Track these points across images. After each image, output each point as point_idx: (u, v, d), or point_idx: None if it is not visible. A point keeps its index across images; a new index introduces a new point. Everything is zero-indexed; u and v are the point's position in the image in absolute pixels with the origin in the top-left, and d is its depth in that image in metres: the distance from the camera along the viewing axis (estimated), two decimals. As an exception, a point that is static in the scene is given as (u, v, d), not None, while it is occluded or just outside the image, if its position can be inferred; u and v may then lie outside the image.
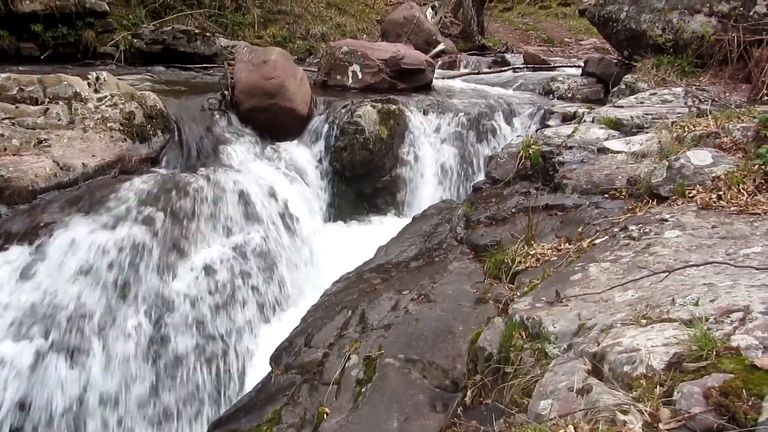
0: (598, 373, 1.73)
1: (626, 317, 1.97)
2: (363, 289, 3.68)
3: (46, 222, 3.77)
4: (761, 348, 1.57)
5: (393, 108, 6.21)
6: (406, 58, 7.52)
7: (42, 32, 8.56)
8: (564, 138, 4.56)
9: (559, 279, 2.59)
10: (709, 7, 6.44)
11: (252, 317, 4.04)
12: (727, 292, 1.96)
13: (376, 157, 5.95)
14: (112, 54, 9.13)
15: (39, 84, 4.56)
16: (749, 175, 2.97)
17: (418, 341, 2.91)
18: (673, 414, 1.43)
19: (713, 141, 3.67)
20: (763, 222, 2.62)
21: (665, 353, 1.64)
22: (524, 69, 10.41)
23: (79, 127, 4.53)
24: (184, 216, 4.14)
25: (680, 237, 2.62)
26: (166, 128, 5.15)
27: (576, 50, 15.54)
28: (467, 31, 14.82)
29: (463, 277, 3.46)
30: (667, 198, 3.19)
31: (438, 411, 2.58)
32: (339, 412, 2.70)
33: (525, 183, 4.35)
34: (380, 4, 16.00)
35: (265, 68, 5.83)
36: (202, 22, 10.62)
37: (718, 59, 6.30)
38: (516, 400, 2.01)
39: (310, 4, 13.11)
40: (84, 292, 3.58)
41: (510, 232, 3.71)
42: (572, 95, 7.60)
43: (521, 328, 2.28)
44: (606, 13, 7.45)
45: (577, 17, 18.19)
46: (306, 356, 3.18)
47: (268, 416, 2.93)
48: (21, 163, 4.03)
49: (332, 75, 7.42)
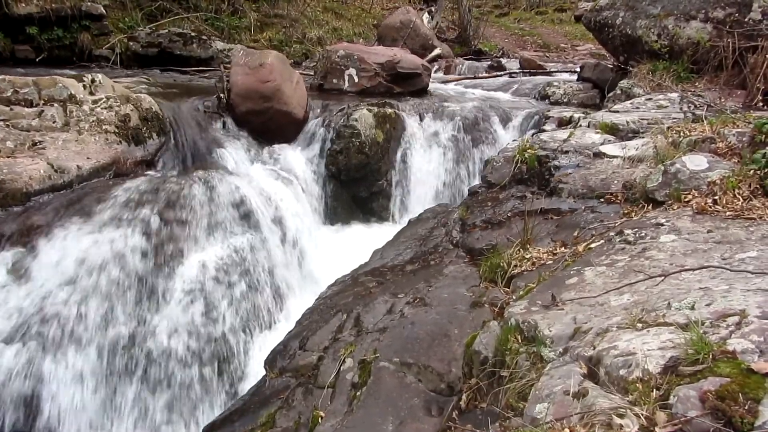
0: (594, 377, 1.72)
1: (622, 321, 1.96)
2: (358, 292, 3.67)
3: (39, 224, 3.76)
4: (757, 352, 1.57)
5: (389, 112, 6.22)
6: (402, 62, 7.52)
7: (37, 35, 8.55)
8: (560, 142, 4.57)
9: (555, 283, 2.59)
10: (704, 13, 6.47)
11: (246, 320, 4.02)
12: (722, 296, 1.96)
13: (372, 160, 5.94)
14: (108, 57, 9.13)
15: (34, 86, 4.55)
16: (744, 180, 2.97)
17: (413, 345, 2.90)
18: (669, 418, 1.43)
19: (709, 146, 3.69)
20: (758, 227, 2.62)
21: (661, 357, 1.64)
22: (520, 74, 10.45)
23: (74, 129, 4.52)
24: (179, 219, 4.12)
25: (676, 241, 2.62)
26: (161, 131, 5.14)
27: (572, 55, 15.60)
28: (463, 35, 14.87)
29: (458, 280, 3.46)
30: (663, 202, 3.19)
31: (433, 415, 2.57)
32: (334, 416, 2.68)
33: (521, 187, 4.36)
34: (377, 9, 16.06)
35: (261, 71, 5.83)
36: (198, 26, 10.62)
37: (713, 65, 6.33)
38: (511, 403, 2.00)
39: (306, 8, 13.14)
40: (77, 295, 3.56)
41: (506, 236, 3.71)
42: (568, 100, 7.63)
43: (517, 331, 2.27)
44: (602, 18, 7.48)
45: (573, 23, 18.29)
46: (301, 359, 3.17)
47: (263, 420, 2.91)
48: (15, 165, 4.01)
49: (329, 78, 7.43)
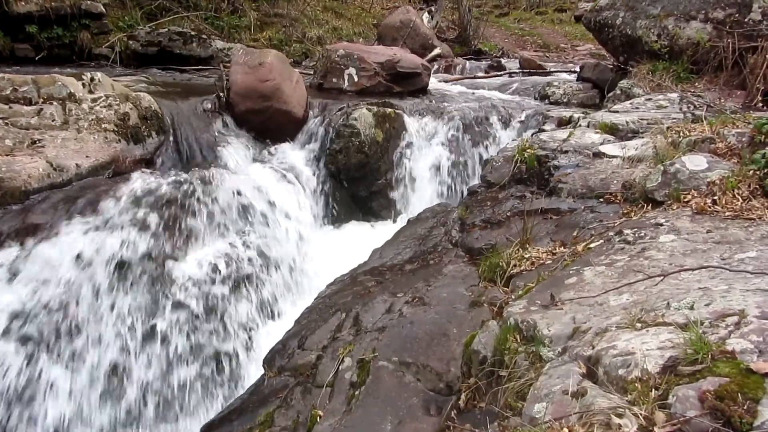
0: (593, 377, 1.72)
1: (621, 321, 1.96)
2: (357, 291, 3.67)
3: (38, 222, 3.75)
4: (756, 352, 1.56)
5: (389, 111, 6.21)
6: (402, 62, 7.52)
7: (37, 33, 8.55)
8: (559, 142, 4.57)
9: (554, 282, 2.58)
10: (704, 13, 6.47)
11: (246, 319, 4.02)
12: (722, 296, 1.95)
13: (371, 160, 5.94)
14: (108, 55, 9.12)
15: (33, 84, 4.54)
16: (744, 180, 2.97)
17: (412, 344, 2.89)
18: (668, 417, 1.42)
19: (708, 146, 3.68)
20: (758, 227, 2.62)
21: (660, 357, 1.63)
22: (520, 74, 10.44)
23: (73, 127, 4.51)
24: (178, 217, 4.12)
25: (675, 241, 2.62)
26: (160, 130, 5.13)
27: (572, 56, 15.59)
28: (463, 35, 14.86)
29: (457, 280, 3.45)
30: (662, 202, 3.19)
31: (432, 414, 2.57)
32: (332, 415, 2.68)
33: (520, 187, 4.35)
34: (377, 8, 16.05)
35: (260, 71, 5.82)
36: (198, 25, 10.61)
37: (713, 65, 6.33)
38: (510, 403, 1.99)
39: (306, 7, 13.13)
40: (75, 293, 3.55)
41: (505, 236, 3.70)
42: (568, 100, 7.62)
43: (516, 331, 2.26)
44: (602, 18, 7.48)
45: (573, 23, 18.28)
46: (299, 359, 3.16)
47: (261, 419, 2.91)
48: (14, 163, 4.00)
49: (328, 78, 7.42)
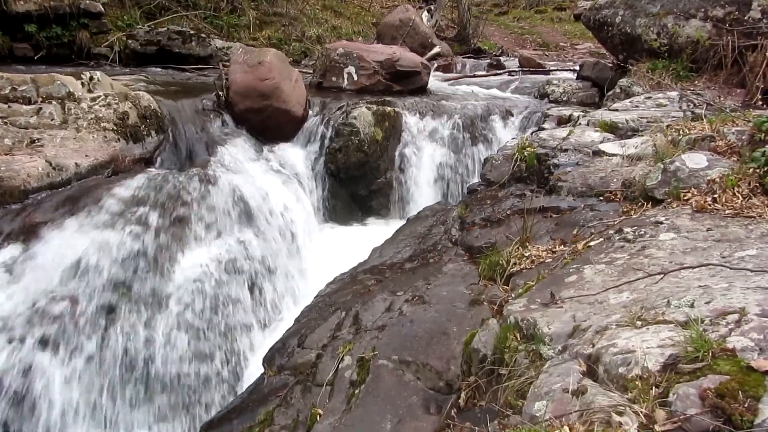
0: (593, 375, 1.72)
1: (621, 319, 1.96)
2: (357, 290, 3.67)
3: (37, 222, 3.74)
4: (757, 350, 1.56)
5: (388, 110, 6.21)
6: (401, 61, 7.51)
7: (36, 33, 8.52)
8: (559, 141, 4.57)
9: (554, 281, 2.58)
10: (704, 11, 6.46)
11: (245, 319, 4.01)
12: (722, 294, 1.95)
13: (371, 158, 5.93)
14: (107, 55, 9.08)
15: (32, 83, 4.54)
16: (744, 178, 2.97)
17: (412, 343, 2.89)
18: (668, 415, 1.42)
19: (708, 144, 3.69)
20: (758, 225, 2.62)
21: (661, 354, 1.63)
22: (519, 72, 10.41)
23: (72, 126, 4.50)
24: (177, 217, 4.11)
25: (675, 239, 2.62)
26: (160, 129, 5.13)
27: (571, 54, 15.56)
28: (463, 34, 14.84)
29: (457, 278, 3.45)
30: (662, 201, 3.19)
31: (432, 413, 2.57)
32: (332, 414, 2.68)
33: (520, 185, 4.35)
34: (376, 7, 16.02)
35: (260, 70, 5.82)
36: (197, 24, 10.58)
37: (712, 64, 6.33)
38: (510, 401, 1.99)
39: (305, 6, 13.10)
40: (75, 293, 3.55)
41: (505, 234, 3.70)
42: (567, 99, 7.59)
43: (516, 329, 2.26)
44: (601, 17, 7.47)
45: (573, 21, 18.23)
46: (299, 357, 3.16)
47: (261, 418, 2.91)
48: (13, 162, 4.00)
49: (327, 77, 7.41)
